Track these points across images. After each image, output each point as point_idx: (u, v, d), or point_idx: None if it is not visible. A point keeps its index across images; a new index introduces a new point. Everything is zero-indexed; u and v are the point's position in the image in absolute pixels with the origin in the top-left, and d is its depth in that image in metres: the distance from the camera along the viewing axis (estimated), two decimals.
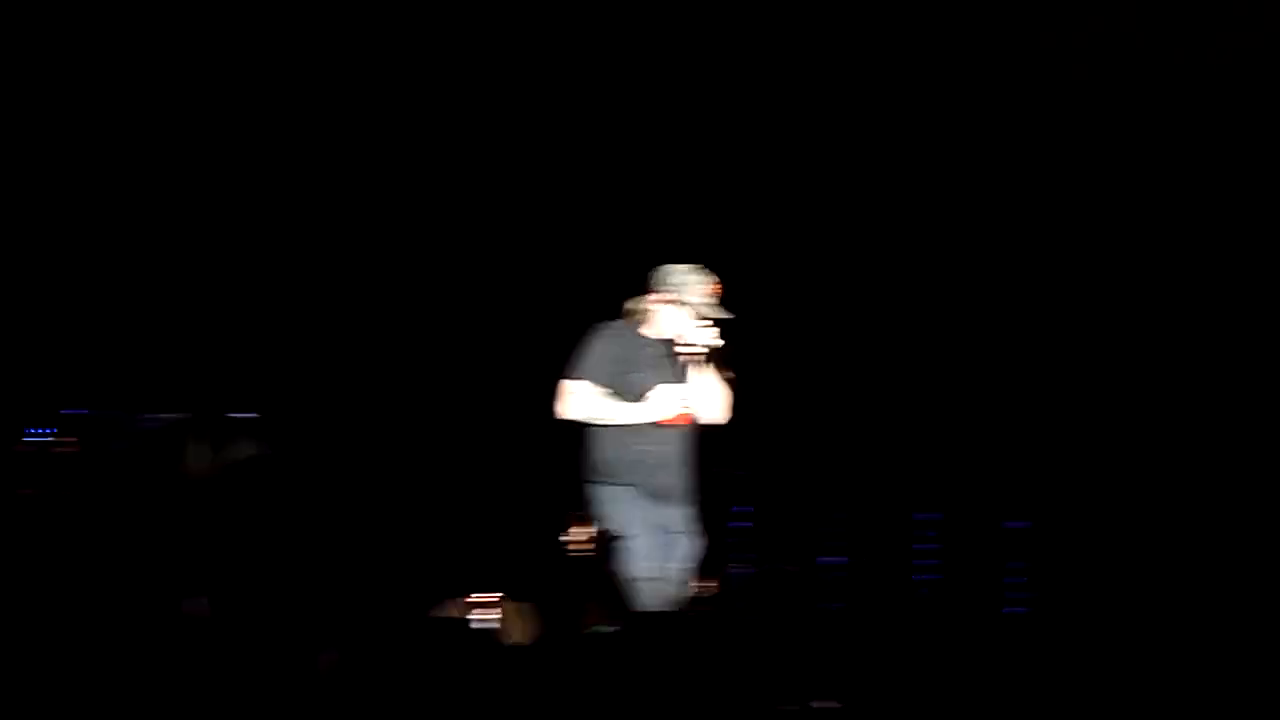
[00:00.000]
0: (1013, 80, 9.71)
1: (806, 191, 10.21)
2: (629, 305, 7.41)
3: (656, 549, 7.18)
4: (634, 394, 7.28)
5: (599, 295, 10.01)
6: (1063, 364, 10.22)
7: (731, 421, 7.45)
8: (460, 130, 9.92)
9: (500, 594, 7.27)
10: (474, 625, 6.29)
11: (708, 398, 7.35)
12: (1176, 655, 7.30)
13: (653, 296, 7.32)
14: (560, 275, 10.20)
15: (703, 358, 7.26)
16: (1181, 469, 10.01)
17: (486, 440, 10.07)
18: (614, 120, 10.01)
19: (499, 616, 6.95)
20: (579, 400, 7.25)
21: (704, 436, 7.40)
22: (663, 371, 7.34)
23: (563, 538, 7.04)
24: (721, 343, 7.28)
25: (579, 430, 7.33)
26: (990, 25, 9.56)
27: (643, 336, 7.36)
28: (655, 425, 7.24)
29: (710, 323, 7.28)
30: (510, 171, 10.06)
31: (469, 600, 6.41)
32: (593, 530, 7.11)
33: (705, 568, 7.43)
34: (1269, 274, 9.80)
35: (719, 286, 7.33)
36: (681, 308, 7.29)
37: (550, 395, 7.18)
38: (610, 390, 7.26)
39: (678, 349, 7.27)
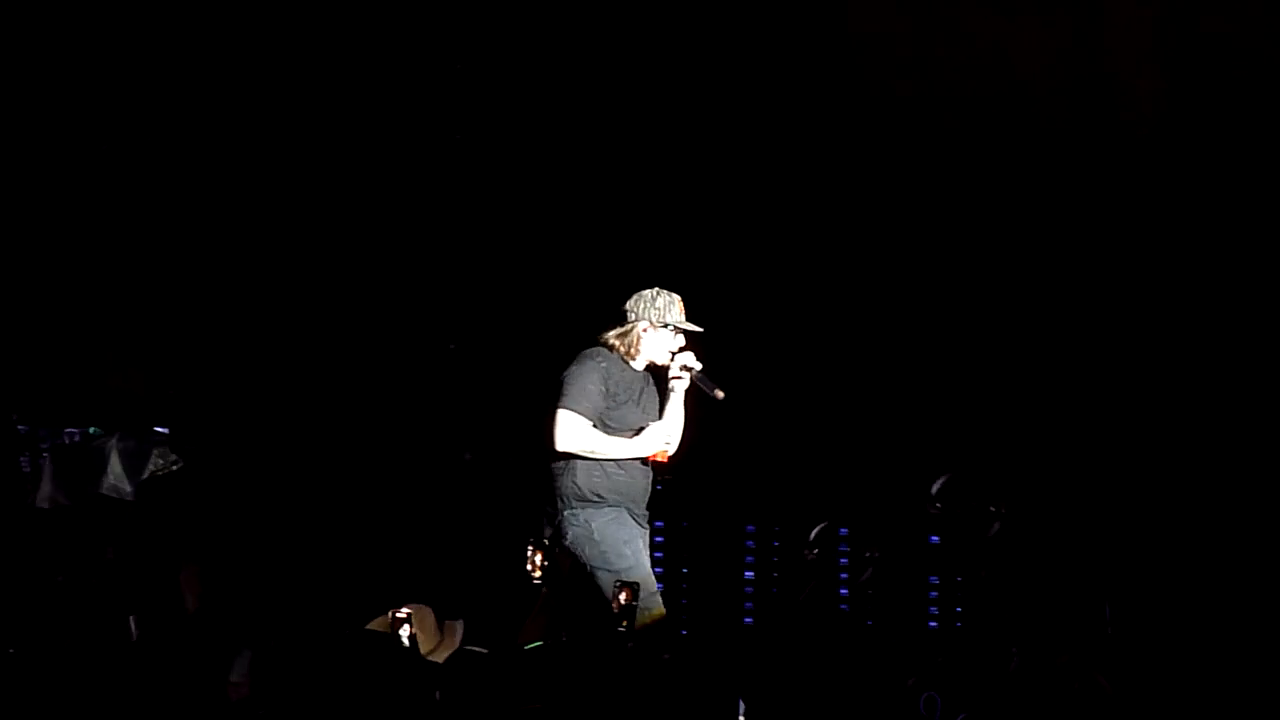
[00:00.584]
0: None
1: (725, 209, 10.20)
2: (613, 337, 7.31)
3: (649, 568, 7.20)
4: (622, 427, 7.24)
5: (527, 305, 10.04)
6: (983, 373, 10.24)
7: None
8: (401, 140, 9.86)
9: (425, 608, 7.23)
10: (399, 640, 6.26)
11: (680, 429, 7.36)
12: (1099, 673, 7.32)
13: (641, 324, 7.28)
14: (484, 288, 10.17)
15: (697, 379, 7.27)
16: (1099, 479, 10.07)
17: (426, 457, 10.04)
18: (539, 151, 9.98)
19: (421, 631, 6.92)
20: (578, 434, 7.14)
21: None
22: (645, 403, 7.34)
23: (527, 567, 6.99)
24: (700, 365, 7.29)
25: (546, 456, 7.27)
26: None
27: (629, 368, 7.31)
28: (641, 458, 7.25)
29: (686, 343, 7.29)
30: (451, 183, 10.01)
31: (395, 615, 6.37)
32: (544, 557, 7.05)
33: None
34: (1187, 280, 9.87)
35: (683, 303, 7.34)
36: (667, 332, 7.29)
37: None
38: (601, 423, 7.20)
39: (676, 374, 7.26)
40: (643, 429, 7.25)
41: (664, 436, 7.25)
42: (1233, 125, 9.42)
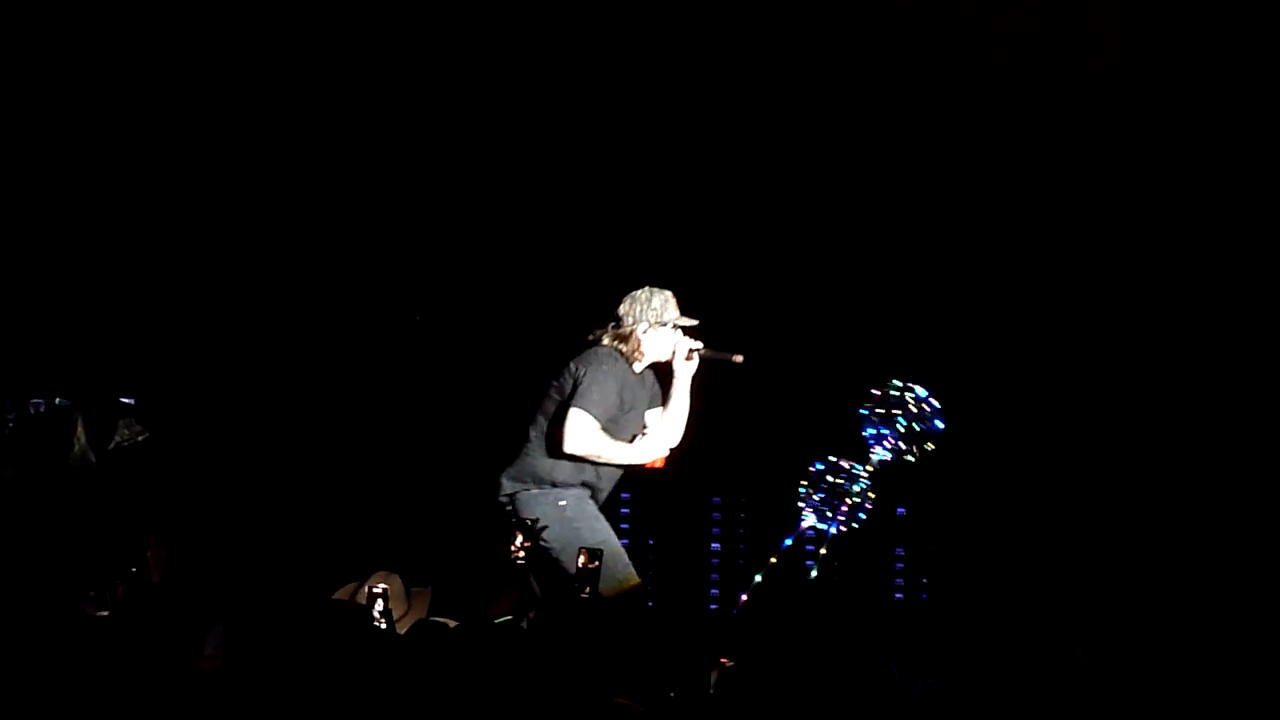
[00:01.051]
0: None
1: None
2: (613, 340, 7.21)
3: None
4: (623, 431, 7.17)
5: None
6: (945, 338, 10.26)
7: None
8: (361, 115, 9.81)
9: (393, 576, 7.23)
10: (369, 609, 6.26)
11: (684, 418, 7.32)
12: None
13: (640, 326, 7.20)
14: (450, 259, 10.15)
15: (710, 356, 7.21)
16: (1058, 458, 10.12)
17: (394, 426, 10.02)
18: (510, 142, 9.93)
19: (394, 599, 6.92)
20: (589, 437, 7.03)
21: None
22: (640, 407, 7.29)
23: (512, 549, 6.96)
24: (702, 345, 7.23)
25: (521, 432, 7.22)
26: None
27: (632, 370, 7.26)
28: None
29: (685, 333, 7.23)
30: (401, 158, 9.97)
31: (370, 589, 6.37)
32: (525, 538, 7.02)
33: None
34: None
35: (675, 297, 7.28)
36: (666, 329, 7.21)
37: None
38: (609, 426, 7.13)
39: (686, 359, 7.18)
40: (634, 435, 7.22)
41: (666, 445, 7.18)
42: (1200, 76, 9.43)
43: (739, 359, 7.19)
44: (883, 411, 8.75)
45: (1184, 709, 6.11)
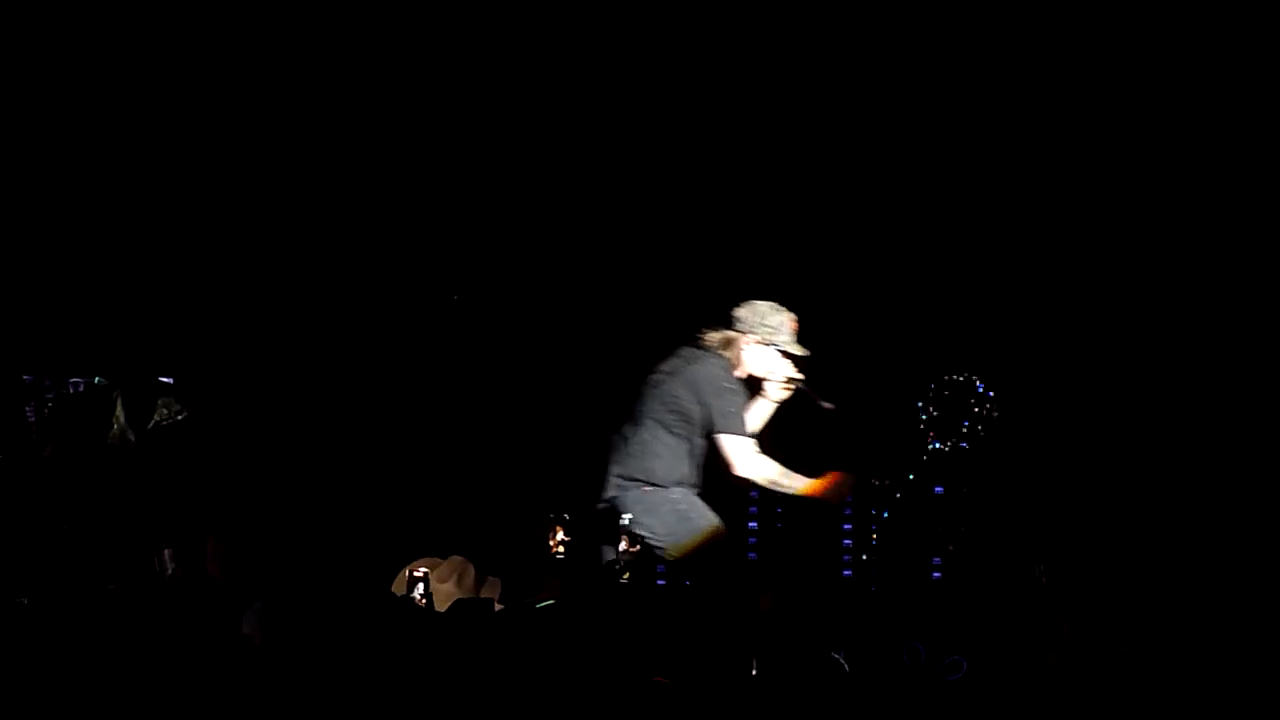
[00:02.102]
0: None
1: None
2: (719, 345, 7.07)
3: None
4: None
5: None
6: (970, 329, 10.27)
7: None
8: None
9: (466, 562, 7.24)
10: (420, 591, 6.27)
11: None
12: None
13: (748, 337, 7.07)
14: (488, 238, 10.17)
15: (807, 391, 7.10)
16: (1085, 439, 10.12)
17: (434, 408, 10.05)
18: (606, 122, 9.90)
19: (460, 586, 6.94)
20: (759, 461, 6.93)
21: None
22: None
23: (549, 541, 6.93)
24: (804, 379, 7.14)
25: (628, 431, 7.10)
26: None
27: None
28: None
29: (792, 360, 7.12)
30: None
31: (412, 573, 6.38)
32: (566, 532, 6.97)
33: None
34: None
35: (796, 323, 7.15)
36: (772, 350, 7.11)
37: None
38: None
39: (785, 387, 7.10)
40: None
41: (851, 484, 7.06)
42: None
43: (830, 406, 7.05)
44: (942, 402, 8.72)
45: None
